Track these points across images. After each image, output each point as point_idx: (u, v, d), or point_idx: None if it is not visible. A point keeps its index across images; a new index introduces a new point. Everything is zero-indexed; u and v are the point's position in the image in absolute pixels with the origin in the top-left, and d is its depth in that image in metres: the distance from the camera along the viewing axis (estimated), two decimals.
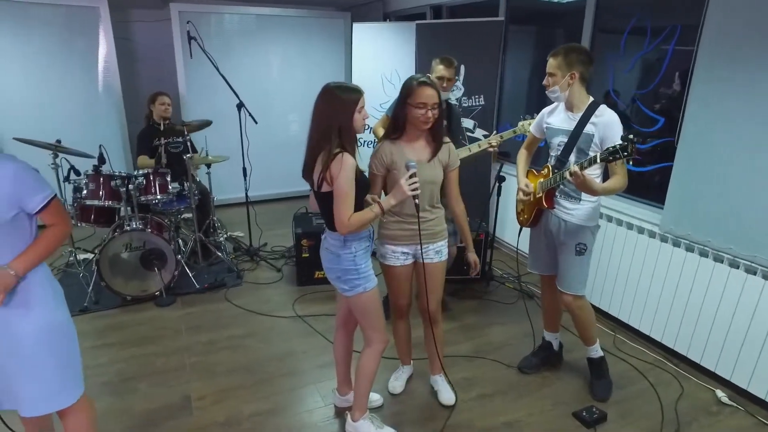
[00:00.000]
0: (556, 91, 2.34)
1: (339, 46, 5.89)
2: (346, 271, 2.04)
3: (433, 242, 2.32)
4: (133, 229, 3.43)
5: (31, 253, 1.64)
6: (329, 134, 1.87)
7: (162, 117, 4.20)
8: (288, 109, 5.85)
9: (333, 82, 1.96)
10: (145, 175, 3.59)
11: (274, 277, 4.05)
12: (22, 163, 1.59)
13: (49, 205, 1.64)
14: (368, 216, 1.93)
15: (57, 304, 1.75)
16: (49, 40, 4.73)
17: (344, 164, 1.84)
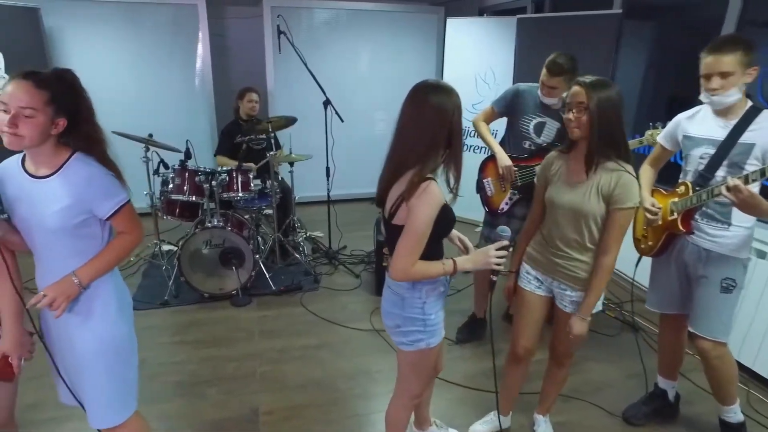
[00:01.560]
0: (732, 95, 1.85)
1: (430, 42, 5.61)
2: (410, 321, 1.68)
3: (573, 288, 1.90)
4: (214, 226, 3.38)
5: (98, 262, 1.53)
6: (423, 152, 1.52)
7: (248, 114, 4.17)
8: (373, 107, 5.67)
9: (428, 82, 1.56)
10: (228, 172, 3.53)
11: (351, 283, 3.86)
12: (99, 167, 1.49)
13: (121, 211, 1.52)
14: (435, 270, 1.58)
15: (119, 317, 1.62)
16: (153, 38, 4.87)
17: (429, 197, 1.47)
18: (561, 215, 1.85)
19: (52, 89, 1.40)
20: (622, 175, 1.71)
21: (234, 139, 4.15)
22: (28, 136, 1.37)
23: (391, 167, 1.59)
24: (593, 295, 1.84)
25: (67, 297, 1.48)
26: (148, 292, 3.63)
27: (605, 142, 1.71)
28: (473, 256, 1.65)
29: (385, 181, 1.61)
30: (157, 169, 3.68)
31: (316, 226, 4.92)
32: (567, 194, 1.82)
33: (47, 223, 1.45)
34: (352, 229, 4.75)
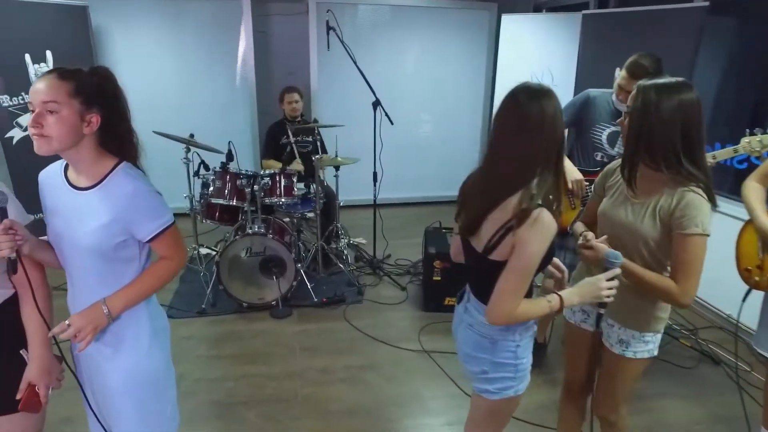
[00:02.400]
0: None
1: (482, 40, 5.30)
2: (500, 366, 1.43)
3: (622, 325, 1.60)
4: (255, 233, 3.19)
5: (133, 290, 1.34)
6: (531, 170, 1.26)
7: (291, 115, 3.98)
8: (421, 108, 5.40)
9: (529, 84, 1.30)
10: (271, 176, 3.34)
11: (397, 296, 3.61)
12: (145, 183, 1.32)
13: (164, 234, 1.33)
14: (541, 310, 1.33)
15: (152, 347, 1.41)
16: (197, 35, 4.76)
17: (541, 228, 1.23)
18: (614, 234, 1.55)
19: (77, 79, 1.21)
20: (685, 195, 1.40)
21: (279, 141, 3.98)
22: (56, 135, 1.19)
23: (489, 190, 1.32)
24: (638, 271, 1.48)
25: (94, 328, 1.29)
26: (185, 299, 3.47)
27: (652, 153, 1.41)
28: (580, 288, 1.38)
29: (479, 208, 1.34)
30: (198, 171, 3.52)
31: (358, 231, 4.69)
32: (623, 210, 1.54)
33: (82, 242, 1.27)
34: (396, 236, 4.50)
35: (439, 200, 5.69)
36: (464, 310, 1.54)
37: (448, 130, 5.51)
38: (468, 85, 5.40)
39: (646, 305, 1.55)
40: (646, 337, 1.57)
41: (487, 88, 5.43)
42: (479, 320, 1.44)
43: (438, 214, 5.32)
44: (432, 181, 5.64)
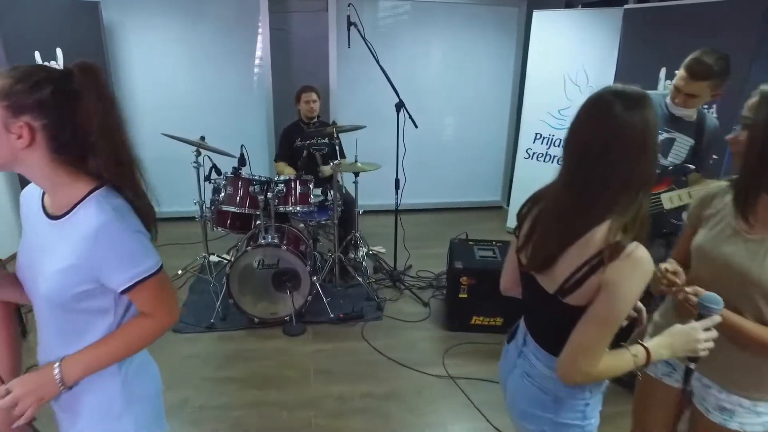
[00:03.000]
0: None
1: (510, 38, 4.99)
2: (563, 428, 1.18)
3: (724, 387, 1.29)
4: (268, 244, 2.96)
5: (96, 353, 1.06)
6: (621, 195, 1.02)
7: (307, 116, 3.75)
8: (445, 110, 5.12)
9: (618, 88, 1.04)
10: (286, 182, 3.11)
11: (419, 313, 3.34)
12: (120, 218, 1.02)
13: (143, 285, 1.04)
14: (624, 366, 1.08)
15: (125, 422, 1.13)
16: (212, 33, 4.55)
17: (639, 267, 1.00)
18: (715, 275, 1.26)
19: (13, 78, 0.95)
20: None
21: (293, 144, 3.76)
22: None
23: (569, 219, 1.07)
24: (746, 326, 1.19)
25: (38, 399, 1.02)
26: (193, 312, 3.26)
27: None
28: (671, 338, 1.11)
29: (554, 240, 1.09)
30: (209, 175, 3.31)
31: (377, 239, 4.43)
32: (731, 247, 1.24)
33: (38, 286, 1.03)
34: (417, 245, 4.23)
35: (461, 206, 5.42)
36: (518, 353, 1.28)
37: (472, 133, 5.23)
38: (495, 86, 5.10)
39: (759, 364, 1.24)
40: (759, 407, 1.26)
41: (515, 90, 5.13)
42: (540, 372, 1.20)
43: (462, 222, 5.06)
44: (455, 186, 5.36)
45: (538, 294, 1.16)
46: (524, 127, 4.51)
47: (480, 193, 5.47)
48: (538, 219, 1.16)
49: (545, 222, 1.13)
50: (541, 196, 1.21)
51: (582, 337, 1.05)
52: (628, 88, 1.04)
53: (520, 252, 1.21)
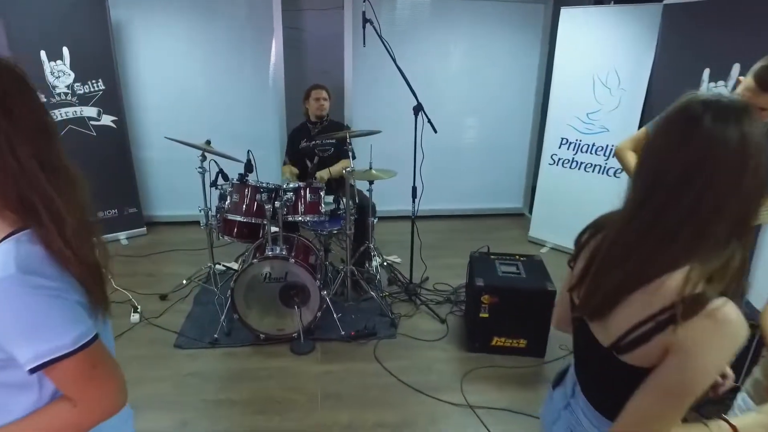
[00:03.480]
0: None
1: (534, 37, 4.73)
2: None
3: None
4: (276, 256, 2.78)
5: None
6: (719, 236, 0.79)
7: (317, 115, 3.57)
8: (464, 112, 4.88)
9: (713, 98, 0.81)
10: (296, 190, 2.91)
11: (436, 331, 3.12)
12: (23, 277, 0.77)
13: (55, 367, 0.80)
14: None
15: None
16: (224, 31, 4.38)
17: (726, 331, 0.77)
18: None
19: None
20: None
21: (298, 145, 3.60)
22: None
23: (630, 257, 0.85)
24: None
25: None
26: (197, 325, 3.09)
27: None
28: (765, 416, 0.87)
29: (614, 282, 0.87)
30: (215, 181, 3.14)
31: (392, 248, 4.22)
32: None
33: None
34: (434, 255, 4.01)
35: (480, 213, 5.17)
36: (565, 405, 1.07)
37: (493, 136, 4.98)
38: (517, 87, 4.84)
39: None
40: None
41: (539, 91, 4.87)
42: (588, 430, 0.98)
43: (481, 230, 4.82)
44: (474, 192, 5.11)
45: (589, 344, 0.94)
46: (549, 131, 4.26)
47: (500, 199, 5.22)
48: (597, 254, 0.93)
49: (604, 259, 0.90)
50: (604, 224, 0.98)
51: (642, 407, 0.83)
52: (723, 96, 0.81)
53: (573, 290, 0.99)
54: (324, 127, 3.61)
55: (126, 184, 4.39)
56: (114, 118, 4.18)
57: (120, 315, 3.19)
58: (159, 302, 3.39)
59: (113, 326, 2.91)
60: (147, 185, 4.67)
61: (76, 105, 4.00)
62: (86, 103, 4.04)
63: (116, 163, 4.29)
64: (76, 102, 4.00)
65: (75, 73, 3.94)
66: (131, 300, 3.38)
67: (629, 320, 0.82)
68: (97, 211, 4.28)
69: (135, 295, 3.45)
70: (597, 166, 4.00)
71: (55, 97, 3.91)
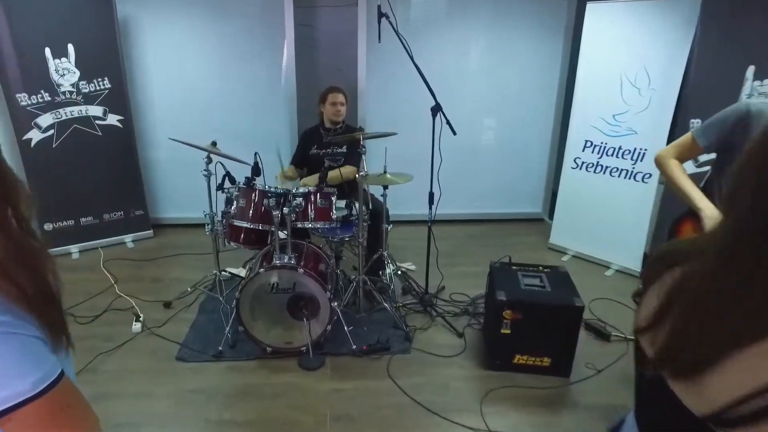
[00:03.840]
0: None
1: (556, 34, 4.51)
2: None
3: None
4: (283, 265, 2.61)
5: None
6: None
7: (332, 120, 3.41)
8: (482, 112, 4.68)
9: None
10: (305, 196, 2.75)
11: (453, 345, 2.94)
12: None
13: (19, 413, 0.66)
14: None
15: None
16: (233, 27, 4.24)
17: None
18: None
19: None
20: None
21: (308, 150, 3.44)
22: None
23: (735, 302, 0.64)
24: None
25: None
26: (200, 336, 2.95)
27: None
28: None
29: (710, 334, 0.66)
30: (222, 184, 2.98)
31: (406, 254, 4.05)
32: None
33: None
34: (450, 262, 3.82)
35: (498, 218, 4.97)
36: None
37: (512, 138, 4.77)
38: (539, 86, 4.63)
39: None
40: None
41: (561, 91, 4.65)
42: None
43: (499, 236, 4.62)
44: (491, 195, 4.92)
45: (668, 404, 0.74)
46: (572, 133, 4.05)
47: (519, 203, 5.01)
48: (680, 292, 0.73)
49: (695, 303, 0.69)
50: (683, 253, 0.77)
51: None
52: None
53: (641, 333, 0.79)
54: (337, 134, 3.44)
55: (132, 186, 4.27)
56: (120, 118, 4.06)
57: (122, 323, 3.06)
58: (162, 310, 3.25)
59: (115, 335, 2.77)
60: (154, 186, 4.55)
61: (82, 104, 3.89)
62: (92, 102, 3.92)
63: (122, 164, 4.17)
64: (82, 101, 3.88)
65: (80, 71, 3.82)
66: (134, 308, 3.25)
67: (740, 386, 0.62)
68: (102, 213, 4.20)
69: (138, 302, 3.32)
70: (623, 171, 3.79)
71: (60, 96, 3.79)
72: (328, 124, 3.47)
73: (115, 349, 2.83)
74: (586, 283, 2.86)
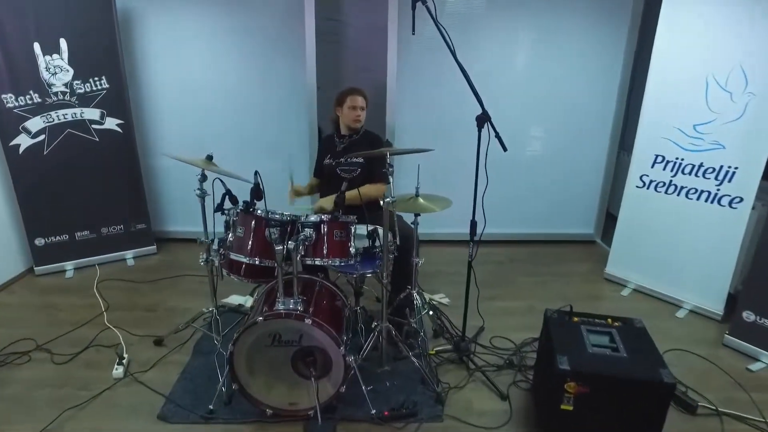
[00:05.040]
0: None
1: (618, 29, 3.85)
2: None
3: None
4: (289, 313, 2.09)
5: None
6: None
7: (350, 127, 2.89)
8: (527, 119, 4.07)
9: None
10: (317, 226, 2.21)
11: (495, 412, 2.36)
12: None
13: None
14: None
15: None
16: (246, 22, 3.76)
17: None
18: None
19: None
20: None
21: (323, 159, 2.95)
22: None
23: None
24: None
25: None
26: (191, 387, 2.46)
27: None
28: None
29: None
30: (221, 205, 2.46)
31: (437, 282, 3.50)
32: None
33: None
34: (488, 294, 3.25)
35: (544, 239, 4.37)
36: None
37: (562, 148, 4.15)
38: (595, 89, 3.99)
39: None
40: None
41: (622, 96, 4.01)
42: None
43: (545, 263, 4.00)
44: (536, 213, 4.31)
45: None
46: (640, 146, 3.40)
47: (567, 223, 4.39)
48: None
49: None
50: None
51: None
52: None
53: None
54: (353, 142, 2.93)
55: (133, 197, 3.85)
56: (120, 122, 3.63)
57: (103, 366, 2.61)
58: (152, 348, 2.79)
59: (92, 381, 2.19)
60: (157, 197, 4.13)
61: (76, 106, 3.47)
62: (88, 103, 3.50)
63: (122, 173, 3.74)
64: (76, 103, 3.46)
65: (74, 70, 3.40)
66: (119, 346, 2.79)
67: None
68: (100, 226, 3.77)
69: (127, 336, 2.88)
70: (704, 193, 3.13)
71: (52, 97, 3.38)
72: (344, 130, 2.97)
73: (89, 402, 2.36)
74: (652, 325, 2.28)
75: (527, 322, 2.99)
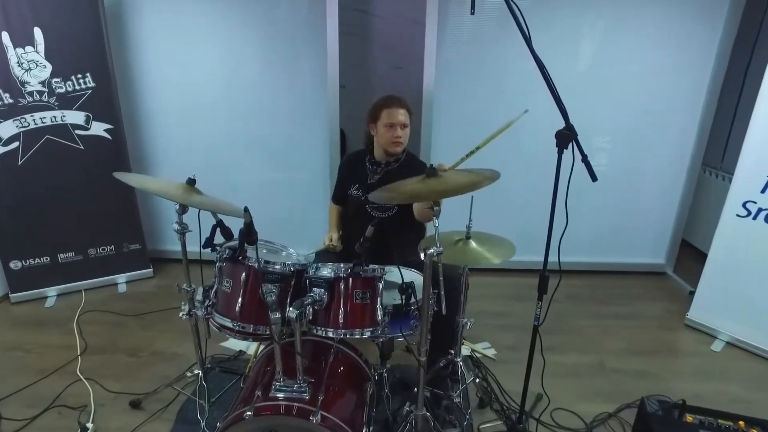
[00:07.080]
0: None
1: (714, 17, 3.10)
2: None
3: None
4: (289, 405, 1.49)
5: None
6: None
7: (389, 152, 2.22)
8: (592, 127, 3.35)
9: None
10: (331, 283, 1.59)
11: None
12: None
13: None
14: None
15: None
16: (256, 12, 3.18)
17: None
18: None
19: None
20: None
21: (348, 188, 2.29)
22: None
23: None
24: None
25: None
26: None
27: None
28: None
29: None
30: (210, 240, 1.87)
31: (479, 325, 2.84)
32: None
33: None
34: (545, 343, 2.58)
35: (606, 269, 3.68)
36: None
37: (633, 163, 3.44)
38: (675, 95, 3.27)
39: None
40: None
41: (711, 103, 3.27)
42: None
43: (612, 301, 3.32)
44: (598, 239, 3.61)
45: None
46: (744, 166, 2.69)
47: (632, 250, 3.67)
48: None
49: None
50: None
51: None
52: None
53: None
54: (391, 172, 2.23)
55: (125, 213, 3.34)
56: (108, 127, 3.11)
57: None
58: (127, 412, 2.24)
59: None
60: (153, 214, 3.62)
61: (56, 108, 2.95)
62: (70, 105, 2.98)
63: (112, 185, 3.16)
64: (56, 104, 2.95)
65: (53, 65, 2.88)
66: (86, 408, 2.24)
67: None
68: (87, 247, 3.21)
69: (99, 393, 2.33)
70: None
71: (26, 98, 2.87)
72: (379, 155, 2.27)
73: None
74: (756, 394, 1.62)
75: (598, 387, 2.40)
